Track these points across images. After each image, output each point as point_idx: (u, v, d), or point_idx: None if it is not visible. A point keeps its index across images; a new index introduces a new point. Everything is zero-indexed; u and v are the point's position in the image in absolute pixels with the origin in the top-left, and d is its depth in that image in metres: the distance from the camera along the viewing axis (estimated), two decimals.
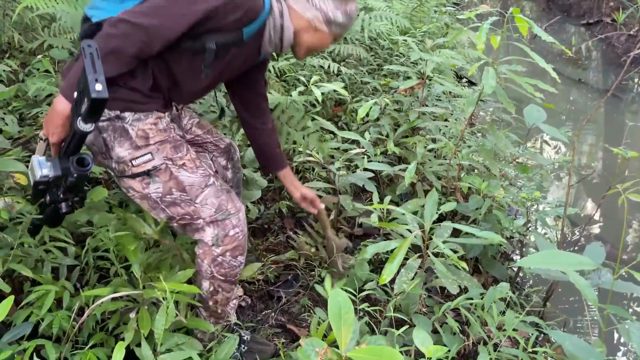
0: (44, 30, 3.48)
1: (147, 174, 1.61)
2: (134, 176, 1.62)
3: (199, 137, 1.98)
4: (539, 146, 4.90)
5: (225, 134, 2.34)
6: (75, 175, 1.43)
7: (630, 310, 2.95)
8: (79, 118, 1.32)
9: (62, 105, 1.43)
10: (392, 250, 1.81)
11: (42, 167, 1.43)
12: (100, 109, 1.29)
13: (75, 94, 1.36)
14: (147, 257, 1.76)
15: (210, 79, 1.71)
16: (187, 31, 1.51)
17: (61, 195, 1.51)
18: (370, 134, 2.77)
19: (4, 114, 2.58)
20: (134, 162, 1.59)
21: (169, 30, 1.49)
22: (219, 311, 1.82)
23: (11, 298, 1.37)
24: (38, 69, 3.06)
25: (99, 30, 1.56)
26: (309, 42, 1.73)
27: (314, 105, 3.34)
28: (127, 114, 1.59)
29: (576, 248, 3.03)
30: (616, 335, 2.73)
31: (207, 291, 1.76)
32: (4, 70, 2.75)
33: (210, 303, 1.79)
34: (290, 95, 2.92)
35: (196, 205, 1.65)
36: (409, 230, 1.97)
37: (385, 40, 4.04)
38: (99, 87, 1.23)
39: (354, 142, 2.98)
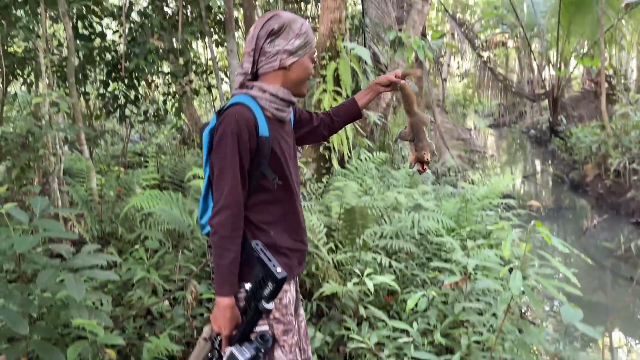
0: (141, 223, 4.12)
1: None
2: None
3: None
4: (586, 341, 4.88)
5: None
6: (262, 350, 1.65)
7: None
8: (262, 301, 1.53)
9: (226, 301, 1.68)
10: None
11: (243, 354, 1.62)
12: (282, 286, 1.50)
13: (248, 285, 1.59)
14: None
15: (284, 166, 1.83)
16: (245, 174, 1.73)
17: None
18: (418, 323, 3.03)
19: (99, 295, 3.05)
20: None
21: (238, 192, 1.71)
22: None
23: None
24: (134, 257, 3.60)
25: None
26: (294, 78, 1.84)
27: (367, 295, 3.68)
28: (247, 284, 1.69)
29: None
30: None
31: None
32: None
33: None
34: (346, 285, 3.30)
35: None
36: None
37: (434, 236, 4.46)
38: (279, 269, 1.45)
39: (403, 330, 3.23)
